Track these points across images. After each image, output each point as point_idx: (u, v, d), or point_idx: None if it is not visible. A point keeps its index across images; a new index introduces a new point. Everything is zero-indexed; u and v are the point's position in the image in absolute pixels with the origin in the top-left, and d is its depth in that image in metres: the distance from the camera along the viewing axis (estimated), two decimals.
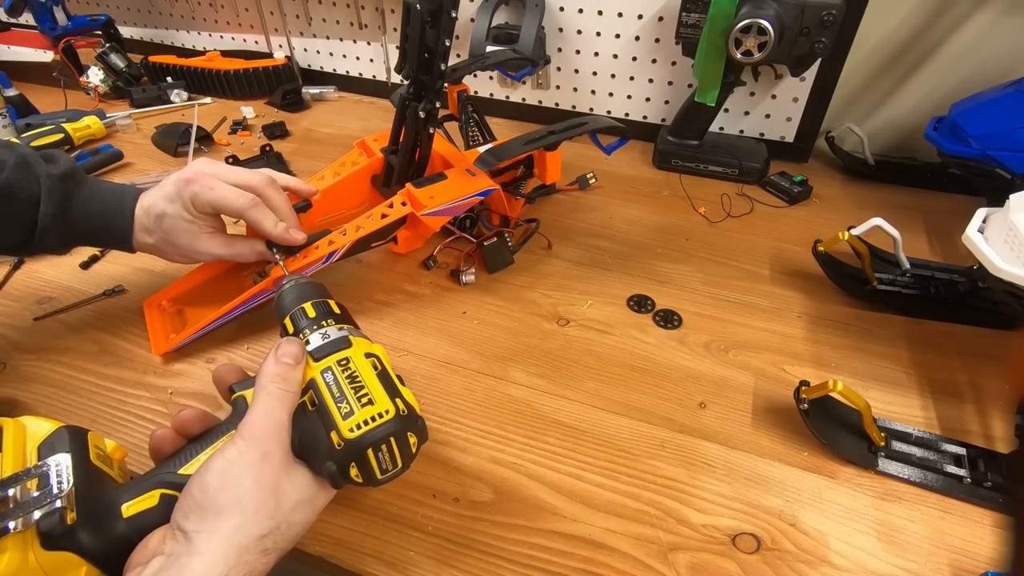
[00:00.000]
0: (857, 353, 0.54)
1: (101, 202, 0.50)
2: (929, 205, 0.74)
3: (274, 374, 0.34)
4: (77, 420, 0.48)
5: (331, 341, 0.37)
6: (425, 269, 0.64)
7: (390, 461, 0.34)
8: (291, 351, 0.35)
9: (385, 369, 0.37)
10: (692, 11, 0.72)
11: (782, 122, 0.83)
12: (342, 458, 0.33)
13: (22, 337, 0.56)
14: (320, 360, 0.36)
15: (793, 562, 0.39)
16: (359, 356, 0.36)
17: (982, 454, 0.44)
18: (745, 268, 0.65)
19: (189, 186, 0.49)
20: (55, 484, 0.31)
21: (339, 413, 0.33)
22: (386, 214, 0.57)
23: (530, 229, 0.68)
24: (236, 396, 0.37)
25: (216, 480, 0.31)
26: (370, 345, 0.38)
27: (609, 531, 0.41)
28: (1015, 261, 0.44)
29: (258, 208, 0.50)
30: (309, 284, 0.42)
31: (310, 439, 0.34)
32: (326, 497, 0.36)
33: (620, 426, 0.48)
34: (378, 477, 0.34)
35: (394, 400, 0.34)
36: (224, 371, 0.39)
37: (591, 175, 0.78)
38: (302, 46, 1.08)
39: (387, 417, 0.34)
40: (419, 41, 0.53)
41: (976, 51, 0.72)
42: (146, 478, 0.34)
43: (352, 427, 0.33)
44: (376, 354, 0.37)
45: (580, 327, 0.57)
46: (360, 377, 0.35)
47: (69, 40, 1.05)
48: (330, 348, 0.36)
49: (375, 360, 0.37)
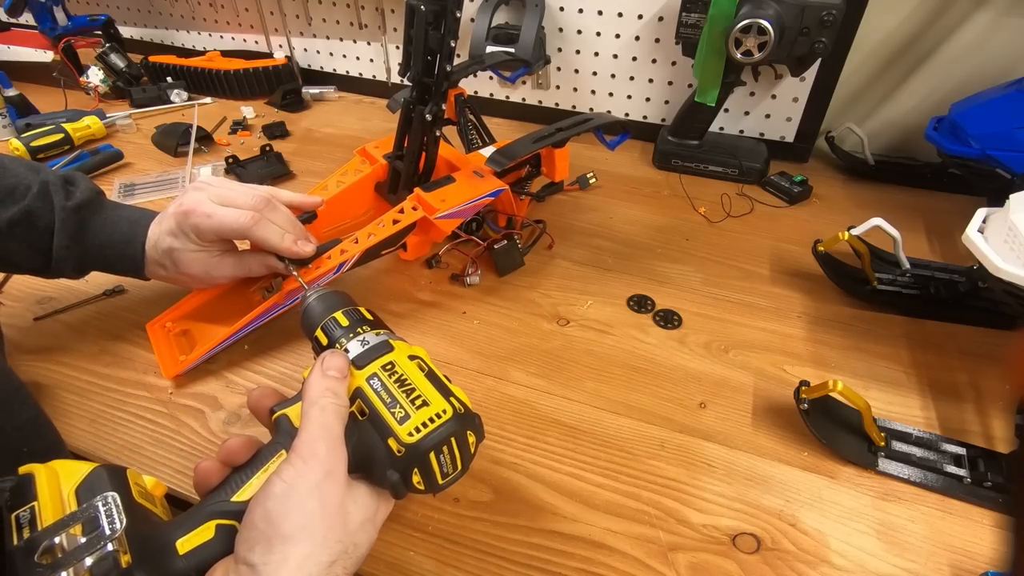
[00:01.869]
0: (857, 353, 0.54)
1: (114, 233, 0.50)
2: (929, 205, 0.74)
3: (324, 388, 0.33)
4: (77, 420, 0.49)
5: (372, 347, 0.35)
6: (428, 267, 0.64)
7: (451, 464, 0.32)
8: (337, 363, 0.34)
9: (432, 369, 0.35)
10: (692, 11, 0.72)
11: (782, 122, 0.83)
12: (404, 465, 0.31)
13: (22, 337, 0.56)
14: (363, 368, 0.34)
15: (793, 562, 0.39)
16: (403, 359, 0.35)
17: (982, 454, 0.44)
18: (745, 268, 0.65)
19: (188, 219, 0.48)
20: (105, 525, 0.28)
21: (394, 419, 0.32)
22: (397, 220, 0.56)
23: (538, 230, 0.68)
24: (278, 415, 0.35)
25: (279, 506, 0.29)
26: (411, 347, 0.37)
27: (609, 531, 0.41)
28: (1015, 261, 0.44)
29: (261, 225, 0.48)
30: (334, 293, 0.40)
31: (365, 450, 0.32)
32: (386, 511, 0.34)
33: (620, 426, 0.48)
34: (439, 482, 0.32)
35: (448, 399, 0.33)
36: (260, 395, 0.36)
37: (591, 175, 0.78)
38: (302, 46, 1.08)
39: (446, 417, 0.32)
40: (423, 43, 0.53)
41: (976, 51, 0.72)
42: (197, 511, 0.32)
43: (411, 431, 0.31)
44: (419, 355, 0.36)
45: (580, 327, 0.57)
46: (409, 379, 0.34)
47: (69, 40, 1.05)
48: (372, 354, 0.35)
49: (420, 361, 0.35)
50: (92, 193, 0.51)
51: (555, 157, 0.65)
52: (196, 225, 0.48)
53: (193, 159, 0.86)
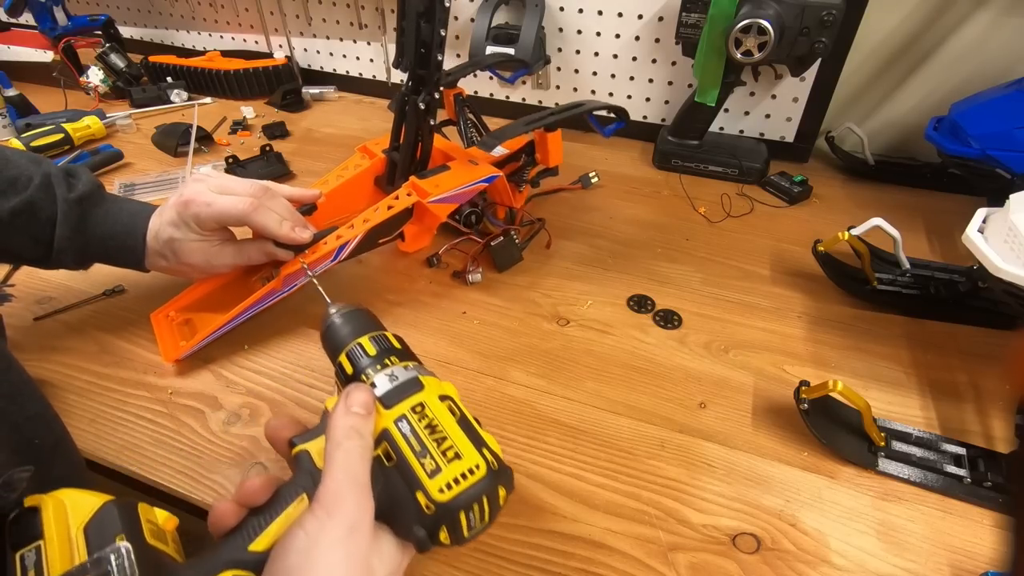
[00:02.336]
0: (857, 353, 0.54)
1: (115, 224, 0.51)
2: (929, 205, 0.74)
3: (349, 428, 0.30)
4: (77, 420, 0.49)
5: (401, 384, 0.33)
6: (429, 266, 0.64)
7: (479, 519, 0.30)
8: (362, 399, 0.32)
9: (464, 413, 0.33)
10: (692, 11, 0.72)
11: (782, 122, 0.83)
12: (432, 522, 0.29)
13: (22, 337, 0.56)
14: (391, 407, 0.32)
15: (793, 562, 0.39)
16: (434, 399, 0.32)
17: (982, 454, 0.44)
18: (745, 268, 0.65)
19: (189, 208, 0.49)
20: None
21: (424, 471, 0.29)
22: (392, 205, 0.57)
23: (536, 226, 0.68)
24: (298, 450, 0.32)
25: (299, 561, 0.27)
26: (440, 384, 0.34)
27: (609, 531, 0.41)
28: (1015, 261, 0.44)
29: (259, 211, 0.50)
30: (359, 312, 0.37)
31: (391, 500, 0.30)
32: (407, 561, 0.32)
33: (620, 426, 0.48)
34: (466, 536, 0.30)
35: (482, 451, 0.31)
36: (278, 425, 0.34)
37: (594, 174, 0.78)
38: (302, 46, 1.08)
39: (479, 474, 0.30)
40: (415, 34, 0.53)
41: (976, 51, 0.72)
42: (213, 558, 0.29)
43: (442, 487, 0.29)
44: (450, 396, 0.33)
45: (580, 327, 0.57)
46: (440, 426, 0.31)
47: (69, 40, 1.05)
48: (401, 392, 0.32)
49: (451, 403, 0.33)
50: (93, 186, 0.51)
51: (547, 141, 0.65)
52: (196, 214, 0.49)
53: (193, 159, 0.86)
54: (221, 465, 0.45)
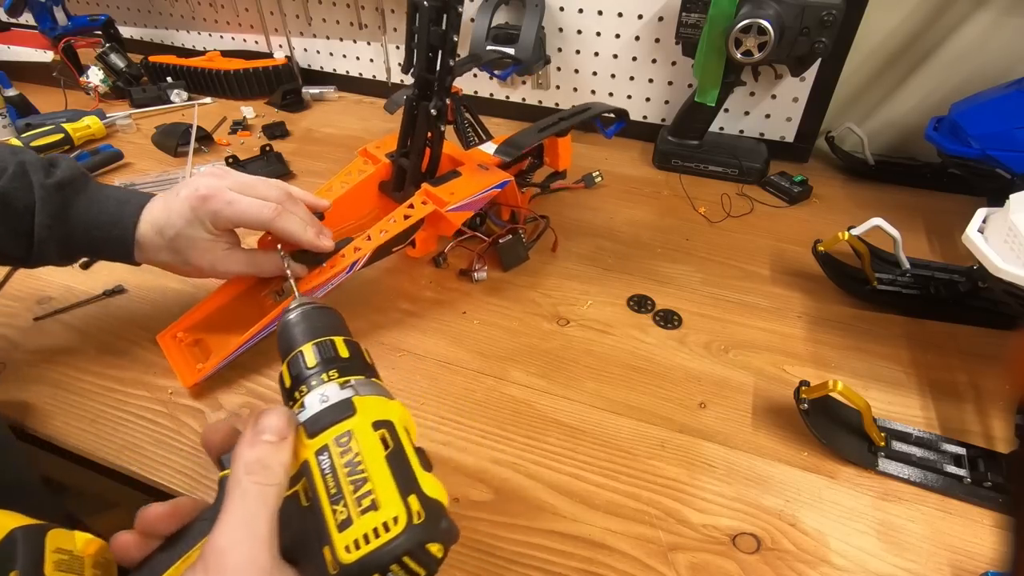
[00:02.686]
0: (857, 353, 0.54)
1: (101, 212, 0.47)
2: (929, 205, 0.74)
3: (253, 461, 0.26)
4: (77, 420, 0.49)
5: (329, 407, 0.28)
6: (435, 266, 0.64)
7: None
8: (274, 425, 0.27)
9: (400, 446, 0.27)
10: (692, 11, 0.72)
11: (782, 122, 0.83)
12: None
13: (22, 337, 0.56)
14: (315, 436, 0.27)
15: (793, 562, 0.39)
16: (364, 428, 0.27)
17: (982, 454, 0.44)
18: (745, 268, 0.65)
19: (206, 204, 0.45)
20: None
21: (334, 521, 0.25)
22: (408, 215, 0.56)
23: (542, 224, 0.68)
24: (224, 475, 0.28)
25: None
26: (383, 406, 0.29)
27: (609, 531, 0.41)
28: (1015, 261, 0.44)
29: (284, 217, 0.47)
30: (317, 313, 0.33)
31: (302, 550, 0.26)
32: None
33: (620, 426, 0.48)
34: None
35: (406, 500, 0.25)
36: (212, 434, 0.29)
37: (597, 173, 0.79)
38: (302, 46, 1.08)
39: (396, 530, 0.24)
40: (426, 39, 0.53)
41: (976, 51, 0.72)
42: None
43: (349, 545, 0.24)
44: (389, 421, 0.28)
45: (580, 327, 0.57)
46: (363, 464, 0.26)
47: (69, 40, 1.05)
48: (328, 417, 0.27)
49: (385, 433, 0.27)
50: (75, 172, 0.47)
51: (558, 146, 0.66)
52: (215, 212, 0.45)
53: (193, 159, 0.85)
54: None
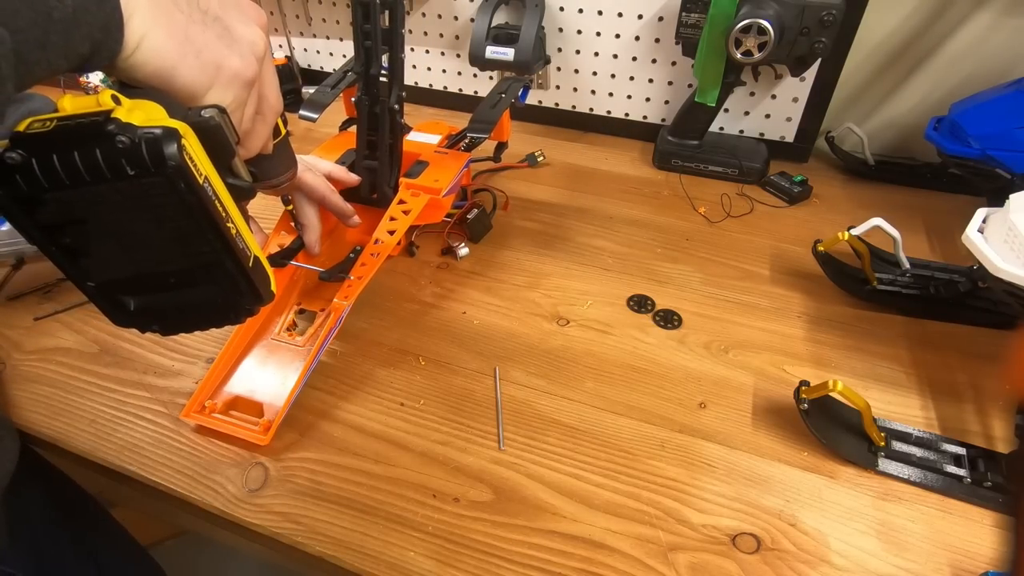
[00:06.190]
0: (857, 353, 0.54)
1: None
2: (929, 205, 0.74)
3: None
4: (77, 420, 0.49)
5: None
6: (409, 255, 0.66)
7: None
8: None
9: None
10: (692, 11, 0.72)
11: (782, 122, 0.83)
12: None
13: (22, 337, 0.56)
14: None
15: (793, 562, 0.39)
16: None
17: (982, 454, 0.44)
18: (745, 268, 0.65)
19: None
20: None
21: None
22: (407, 210, 0.58)
23: (494, 192, 0.75)
24: None
25: None
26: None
27: (609, 531, 0.41)
28: (1015, 261, 0.44)
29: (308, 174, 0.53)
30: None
31: None
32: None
33: (620, 426, 0.48)
34: None
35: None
36: None
37: (539, 152, 0.84)
38: (302, 46, 1.08)
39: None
40: (377, 36, 0.54)
41: (976, 51, 0.72)
42: None
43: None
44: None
45: (580, 327, 0.57)
46: None
47: None
48: None
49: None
50: None
51: (502, 120, 0.70)
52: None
53: None
54: (221, 465, 0.45)
